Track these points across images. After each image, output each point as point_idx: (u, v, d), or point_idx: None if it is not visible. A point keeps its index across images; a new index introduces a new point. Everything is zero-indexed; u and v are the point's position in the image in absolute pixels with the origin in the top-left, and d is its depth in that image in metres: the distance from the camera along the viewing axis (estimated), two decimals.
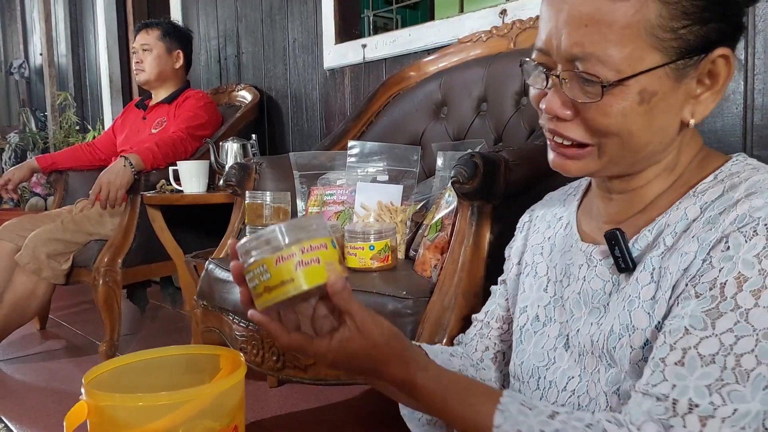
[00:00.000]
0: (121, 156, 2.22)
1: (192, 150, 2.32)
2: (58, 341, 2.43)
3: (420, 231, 1.39)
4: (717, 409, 0.52)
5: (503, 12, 1.76)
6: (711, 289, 0.55)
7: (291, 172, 1.62)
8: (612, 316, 0.65)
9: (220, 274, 1.41)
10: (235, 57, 2.85)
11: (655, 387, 0.55)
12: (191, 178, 2.08)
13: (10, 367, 2.14)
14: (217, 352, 0.81)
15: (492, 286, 0.89)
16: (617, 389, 0.62)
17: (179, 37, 2.53)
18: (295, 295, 0.56)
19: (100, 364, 0.76)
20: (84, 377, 0.72)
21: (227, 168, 1.70)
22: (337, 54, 2.31)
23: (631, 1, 0.57)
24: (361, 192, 1.47)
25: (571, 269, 0.72)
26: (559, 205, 0.81)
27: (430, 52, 1.91)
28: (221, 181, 1.69)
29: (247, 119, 2.51)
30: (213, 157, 2.12)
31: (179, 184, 2.12)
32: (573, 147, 0.65)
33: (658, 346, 0.57)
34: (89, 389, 0.69)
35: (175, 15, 3.12)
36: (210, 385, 0.73)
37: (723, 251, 0.56)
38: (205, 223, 2.25)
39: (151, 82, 2.50)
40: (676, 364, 0.55)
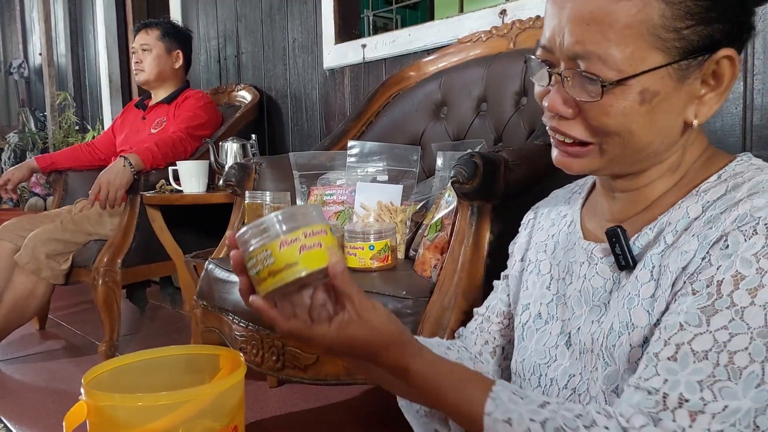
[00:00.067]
0: (120, 156, 2.22)
1: (192, 150, 2.32)
2: (58, 341, 2.43)
3: (420, 231, 1.39)
4: (707, 405, 0.52)
5: (503, 12, 1.76)
6: (708, 287, 0.55)
7: (291, 172, 1.62)
8: (612, 314, 0.65)
9: (220, 274, 1.41)
10: (235, 57, 2.85)
11: (647, 381, 0.55)
12: (191, 178, 2.08)
13: (9, 367, 2.13)
14: (216, 352, 0.81)
15: (495, 281, 0.89)
16: (615, 388, 0.63)
17: (179, 37, 2.53)
18: (298, 278, 0.57)
19: (99, 364, 0.76)
20: (83, 377, 0.72)
21: (227, 168, 1.70)
22: (336, 54, 2.31)
23: (634, 1, 0.57)
24: (361, 192, 1.47)
25: (574, 267, 0.72)
26: (564, 203, 0.81)
27: (429, 52, 1.91)
28: (221, 181, 1.69)
29: (247, 119, 2.51)
30: (213, 157, 2.12)
31: (179, 184, 2.12)
32: (575, 145, 0.65)
33: (653, 342, 0.57)
34: (89, 389, 0.69)
35: (174, 15, 3.12)
36: (210, 385, 0.73)
37: (722, 249, 0.56)
38: (204, 223, 2.25)
39: (150, 82, 2.50)
40: (669, 359, 0.55)
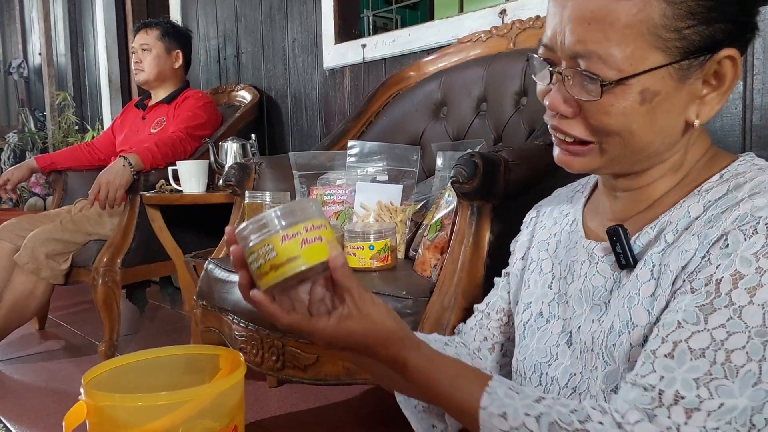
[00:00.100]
0: (120, 156, 2.22)
1: (191, 150, 2.32)
2: (57, 341, 2.43)
3: (420, 231, 1.39)
4: (703, 402, 0.52)
5: (503, 12, 1.76)
6: (707, 285, 0.55)
7: (290, 172, 1.62)
8: (612, 313, 0.65)
9: (220, 274, 1.41)
10: (235, 57, 2.84)
11: (643, 378, 0.56)
12: (190, 178, 2.08)
13: (9, 367, 2.13)
14: (216, 352, 0.81)
15: (495, 278, 0.89)
16: (615, 387, 0.63)
17: (178, 37, 2.53)
18: (300, 271, 0.58)
19: (99, 364, 0.76)
20: (83, 377, 0.72)
21: (227, 168, 1.70)
22: (336, 54, 2.30)
23: (634, 0, 0.57)
24: (361, 192, 1.47)
25: (575, 266, 0.72)
26: (567, 202, 0.81)
27: (429, 52, 1.91)
28: (221, 181, 1.69)
29: (247, 119, 2.51)
30: (212, 157, 2.12)
31: (178, 184, 2.12)
32: (575, 144, 0.65)
33: (651, 339, 0.58)
34: (88, 389, 0.69)
35: (174, 15, 3.12)
36: (209, 385, 0.73)
37: (722, 248, 0.56)
38: (204, 223, 2.25)
39: (150, 82, 2.50)
40: (666, 356, 0.55)
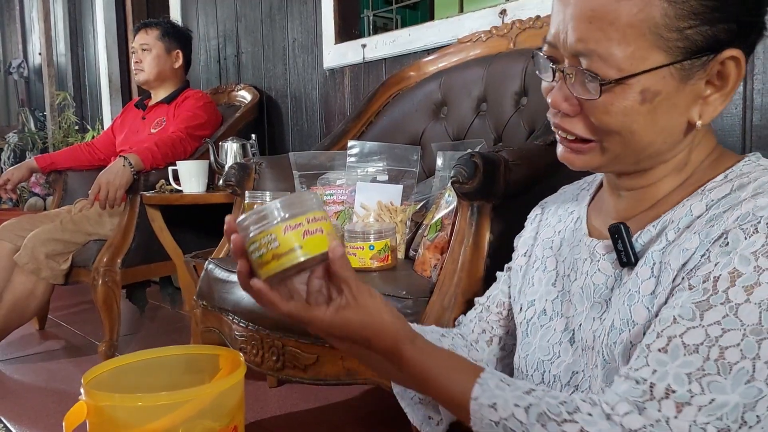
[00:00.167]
0: (120, 156, 2.22)
1: (191, 150, 2.32)
2: (57, 341, 2.43)
3: (420, 231, 1.39)
4: (694, 397, 0.52)
5: (503, 12, 1.76)
6: (704, 282, 0.55)
7: (291, 172, 1.62)
8: (613, 311, 0.65)
9: (220, 274, 1.41)
10: (235, 57, 2.84)
11: (636, 371, 0.56)
12: (191, 178, 2.08)
13: (9, 367, 2.13)
14: (216, 352, 0.81)
15: (498, 272, 0.89)
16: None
17: (178, 37, 2.53)
18: (302, 261, 0.60)
19: (99, 365, 0.76)
20: (83, 377, 0.72)
21: (227, 168, 1.70)
22: (336, 54, 2.30)
23: (635, 0, 0.57)
24: (361, 192, 1.47)
25: (578, 264, 0.73)
26: (572, 200, 0.81)
27: (429, 52, 1.91)
28: (221, 181, 1.69)
29: (247, 119, 2.51)
30: (212, 157, 2.12)
31: (178, 184, 2.11)
32: (577, 141, 0.65)
33: (647, 334, 0.58)
34: (88, 389, 0.69)
35: (174, 15, 3.12)
36: (209, 385, 0.73)
37: (721, 246, 0.56)
38: (204, 223, 2.24)
39: (150, 82, 2.50)
40: (660, 351, 0.55)
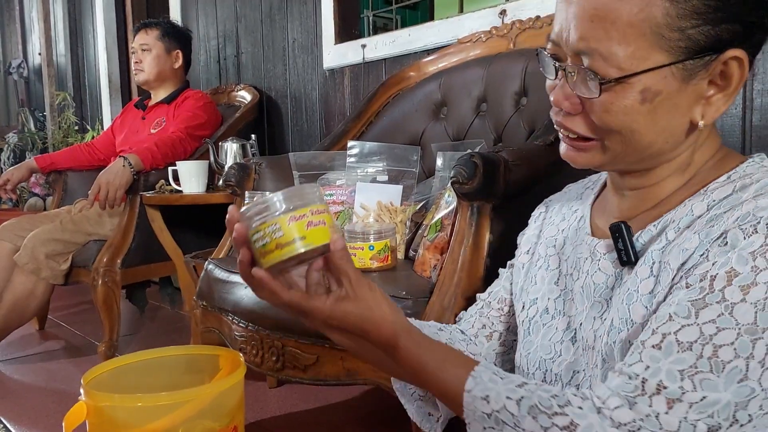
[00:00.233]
0: (120, 156, 2.22)
1: (191, 150, 2.32)
2: (57, 342, 2.43)
3: (420, 231, 1.39)
4: (685, 394, 0.53)
5: (503, 12, 1.76)
6: (701, 281, 0.55)
7: (290, 172, 1.62)
8: (613, 310, 0.65)
9: (220, 274, 1.41)
10: (235, 57, 2.84)
11: (629, 367, 0.56)
12: (190, 179, 2.08)
13: (9, 367, 2.13)
14: (216, 353, 0.81)
15: (500, 268, 0.89)
16: None
17: (178, 37, 2.53)
18: (305, 252, 0.61)
19: (99, 365, 0.76)
20: (83, 378, 0.72)
21: (227, 168, 1.70)
22: (336, 54, 2.30)
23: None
24: (361, 192, 1.47)
25: (580, 263, 0.73)
26: (576, 198, 0.81)
27: (429, 52, 1.91)
28: (221, 181, 1.69)
29: (247, 119, 2.51)
30: (212, 158, 2.12)
31: (178, 184, 2.11)
32: (579, 140, 0.65)
33: (644, 331, 0.58)
34: (88, 390, 0.69)
35: (174, 15, 3.12)
36: (209, 386, 0.73)
37: (720, 246, 0.56)
38: (204, 224, 2.24)
39: (150, 82, 2.50)
40: (654, 347, 0.55)
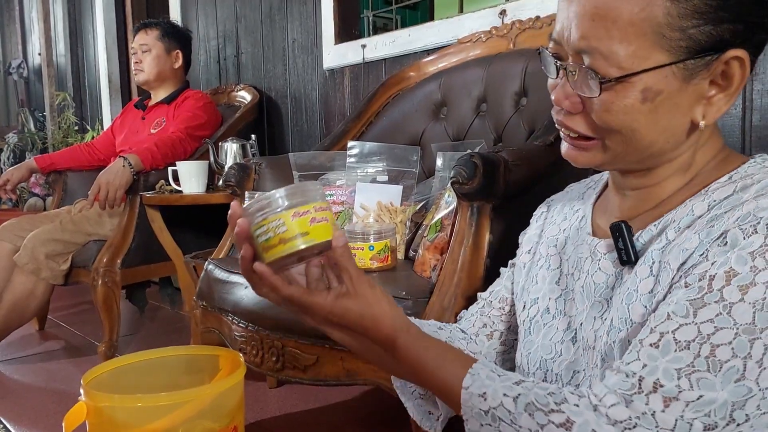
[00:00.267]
0: (120, 156, 2.22)
1: (191, 150, 2.32)
2: (57, 342, 2.43)
3: (419, 231, 1.39)
4: (682, 393, 0.53)
5: (503, 12, 1.76)
6: (700, 280, 0.55)
7: (290, 172, 1.62)
8: (614, 310, 0.65)
9: (220, 274, 1.41)
10: (235, 57, 2.85)
11: (627, 365, 0.56)
12: (190, 179, 2.08)
13: (8, 367, 2.13)
14: (216, 353, 0.80)
15: (501, 268, 0.89)
16: None
17: (178, 38, 2.53)
18: (308, 247, 0.62)
19: (99, 365, 0.76)
20: (83, 378, 0.72)
21: (227, 168, 1.70)
22: (336, 54, 2.30)
23: None
24: (361, 192, 1.47)
25: (581, 263, 0.73)
26: (578, 198, 0.81)
27: (429, 52, 1.91)
28: (220, 181, 1.69)
29: (247, 119, 2.51)
30: (212, 158, 2.12)
31: (178, 184, 2.12)
32: (580, 139, 0.65)
33: (642, 329, 0.58)
34: (88, 390, 0.68)
35: (174, 15, 3.12)
36: (209, 386, 0.73)
37: (720, 246, 0.56)
38: (204, 224, 2.25)
39: (150, 83, 2.50)
40: (651, 346, 0.56)
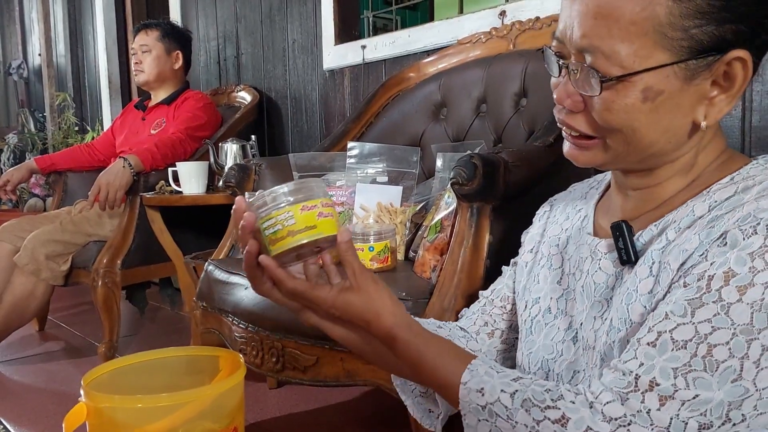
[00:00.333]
0: (120, 157, 2.22)
1: (191, 151, 2.32)
2: (57, 342, 2.43)
3: (419, 232, 1.39)
4: (678, 392, 0.53)
5: (502, 13, 1.76)
6: (699, 280, 0.56)
7: (290, 173, 1.62)
8: (613, 310, 0.65)
9: (220, 275, 1.41)
10: (235, 58, 2.85)
11: (624, 363, 0.56)
12: (190, 179, 2.08)
13: (8, 368, 2.13)
14: (216, 354, 0.81)
15: (503, 266, 0.89)
16: None
17: (178, 38, 2.53)
18: (315, 240, 0.63)
19: (99, 366, 0.76)
20: (83, 379, 0.72)
21: (227, 169, 1.70)
22: (336, 55, 2.31)
23: None
24: (361, 193, 1.47)
25: (582, 262, 0.73)
26: (581, 198, 0.81)
27: (429, 53, 1.91)
28: (220, 182, 1.69)
29: (247, 120, 2.51)
30: (212, 158, 2.12)
31: (178, 185, 2.12)
32: (581, 138, 0.65)
33: (641, 328, 0.58)
34: (88, 391, 0.69)
35: (174, 16, 3.12)
36: (209, 387, 0.73)
37: (719, 246, 0.56)
38: (204, 225, 2.25)
39: (150, 83, 2.50)
40: (649, 345, 0.56)
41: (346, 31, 2.32)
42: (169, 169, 2.13)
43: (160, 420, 0.67)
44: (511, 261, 0.88)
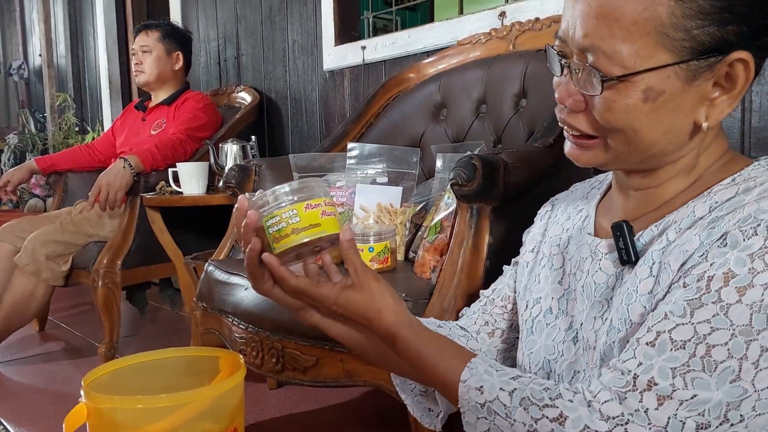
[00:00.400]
0: (120, 157, 2.22)
1: (191, 151, 2.32)
2: (57, 343, 2.43)
3: (419, 233, 1.39)
4: (676, 392, 0.53)
5: (502, 14, 1.76)
6: (698, 281, 0.56)
7: (290, 173, 1.62)
8: (614, 310, 0.65)
9: (220, 275, 1.41)
10: (235, 58, 2.85)
11: (623, 363, 0.57)
12: (191, 180, 2.08)
13: (9, 368, 2.13)
14: (216, 354, 0.81)
15: (504, 266, 0.89)
16: None
17: (179, 39, 2.53)
18: (319, 237, 0.64)
19: (99, 366, 0.76)
20: (83, 379, 0.72)
21: (227, 169, 1.70)
22: (336, 56, 2.31)
23: None
24: (361, 194, 1.47)
25: (582, 263, 0.73)
26: (582, 198, 0.81)
27: (429, 53, 1.91)
28: (221, 182, 1.69)
29: (247, 121, 2.51)
30: (212, 159, 2.12)
31: (179, 185, 2.12)
32: (582, 137, 0.66)
33: (640, 328, 0.59)
34: (88, 391, 0.69)
35: (174, 16, 3.12)
36: (209, 387, 0.73)
37: (719, 247, 0.56)
38: (204, 225, 2.25)
39: (150, 84, 2.50)
40: (648, 344, 0.56)
41: (346, 32, 2.32)
42: (170, 170, 2.13)
43: (160, 421, 0.67)
44: (513, 260, 0.88)
